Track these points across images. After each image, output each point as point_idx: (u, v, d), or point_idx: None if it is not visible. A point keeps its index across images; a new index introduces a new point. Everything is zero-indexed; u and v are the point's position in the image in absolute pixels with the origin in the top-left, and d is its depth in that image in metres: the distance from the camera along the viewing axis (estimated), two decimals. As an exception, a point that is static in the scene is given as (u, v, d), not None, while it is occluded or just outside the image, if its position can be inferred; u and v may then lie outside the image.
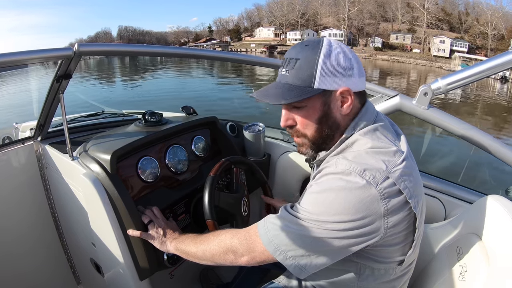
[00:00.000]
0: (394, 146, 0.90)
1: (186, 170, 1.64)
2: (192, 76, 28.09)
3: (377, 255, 0.93)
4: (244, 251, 0.96)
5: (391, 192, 0.82)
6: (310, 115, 0.95)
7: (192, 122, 1.74)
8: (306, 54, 0.91)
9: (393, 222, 0.84)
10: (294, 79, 0.92)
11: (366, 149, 0.89)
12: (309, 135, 0.98)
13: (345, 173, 0.84)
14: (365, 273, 0.98)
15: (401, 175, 0.83)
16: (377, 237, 0.84)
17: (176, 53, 1.77)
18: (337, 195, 0.82)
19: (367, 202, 0.81)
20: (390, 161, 0.85)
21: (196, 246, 1.09)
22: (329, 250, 0.85)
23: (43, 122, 1.69)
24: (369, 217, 0.81)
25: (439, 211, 1.50)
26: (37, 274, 1.88)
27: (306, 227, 0.84)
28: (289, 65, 0.93)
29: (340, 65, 0.90)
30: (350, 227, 0.82)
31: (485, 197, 1.12)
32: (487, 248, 1.01)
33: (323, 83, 0.90)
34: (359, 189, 0.81)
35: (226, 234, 1.03)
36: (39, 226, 1.86)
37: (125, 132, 1.59)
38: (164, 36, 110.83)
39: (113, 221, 1.30)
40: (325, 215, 0.83)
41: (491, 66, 1.25)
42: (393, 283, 1.00)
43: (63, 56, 1.34)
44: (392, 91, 1.53)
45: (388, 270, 0.97)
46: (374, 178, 0.81)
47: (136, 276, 1.35)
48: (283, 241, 0.87)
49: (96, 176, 1.32)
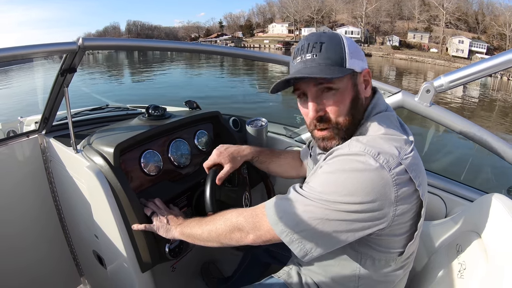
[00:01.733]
0: (404, 135, 0.91)
1: (189, 164, 1.66)
2: (198, 71, 28.11)
3: (380, 244, 0.93)
4: (250, 229, 0.96)
5: (402, 179, 0.82)
6: (344, 98, 0.93)
7: (195, 116, 1.75)
8: (329, 38, 0.92)
9: (401, 210, 0.84)
10: (325, 60, 0.90)
11: (380, 134, 0.89)
12: (342, 122, 0.95)
13: (359, 154, 0.83)
14: (366, 263, 0.98)
15: (411, 164, 0.84)
16: (384, 224, 0.84)
17: (181, 48, 1.77)
18: (349, 175, 0.82)
19: (379, 186, 0.80)
20: (402, 148, 0.85)
21: (202, 227, 1.09)
22: (335, 233, 0.84)
23: (47, 116, 1.70)
24: (379, 201, 0.81)
25: (440, 208, 1.50)
26: (40, 266, 1.90)
27: (314, 207, 0.84)
28: (315, 48, 0.91)
29: (357, 49, 0.94)
30: (360, 210, 0.81)
31: (486, 196, 1.12)
32: (486, 246, 1.01)
33: (352, 63, 0.91)
34: (373, 171, 0.80)
35: (232, 213, 1.03)
36: (43, 219, 1.88)
37: (129, 125, 1.61)
38: (173, 31, 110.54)
39: (116, 214, 1.31)
40: (336, 195, 0.82)
41: (495, 64, 1.24)
42: (393, 275, 1.01)
43: (67, 50, 1.35)
44: (394, 88, 1.53)
45: (388, 260, 0.97)
46: (387, 162, 0.81)
47: (138, 268, 1.36)
48: (290, 222, 0.87)
49: (100, 168, 1.34)
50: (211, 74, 26.38)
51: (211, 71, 28.46)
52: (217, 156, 1.34)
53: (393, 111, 1.02)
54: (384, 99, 1.02)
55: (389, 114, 0.97)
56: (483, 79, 34.30)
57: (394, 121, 0.97)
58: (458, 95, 20.63)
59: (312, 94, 0.94)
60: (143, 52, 39.76)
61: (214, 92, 15.67)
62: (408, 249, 0.95)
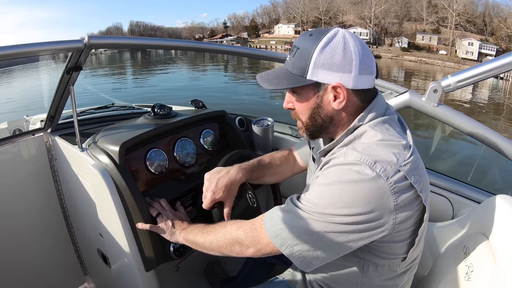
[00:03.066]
0: (403, 140, 0.88)
1: (194, 163, 1.65)
2: (203, 71, 28.19)
3: (382, 251, 0.92)
4: (250, 243, 0.96)
5: (401, 187, 0.80)
6: (304, 103, 0.97)
7: (201, 115, 1.75)
8: (305, 44, 0.91)
9: (401, 217, 0.83)
10: (292, 67, 0.94)
11: (376, 141, 0.87)
12: (303, 121, 1.01)
13: (355, 164, 0.81)
14: (369, 269, 0.97)
15: (411, 169, 0.82)
16: (384, 232, 0.83)
17: (187, 46, 1.77)
18: (345, 187, 0.81)
19: (376, 196, 0.79)
20: (400, 154, 0.83)
21: (204, 237, 1.09)
22: (335, 244, 0.84)
23: (53, 114, 1.70)
24: (377, 211, 0.80)
25: (447, 210, 1.49)
26: (44, 262, 1.91)
27: (312, 220, 0.83)
28: (292, 52, 0.95)
29: (336, 59, 0.88)
30: (358, 221, 0.80)
31: (493, 197, 1.11)
32: (494, 248, 1.00)
33: (315, 75, 0.90)
34: (369, 181, 0.79)
35: (232, 226, 1.03)
36: (47, 217, 1.89)
37: (134, 124, 1.61)
38: (176, 31, 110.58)
39: (121, 212, 1.31)
40: (332, 208, 0.81)
41: (503, 64, 1.23)
42: (396, 279, 1.00)
43: (73, 48, 1.35)
44: (402, 88, 1.52)
45: (392, 266, 0.96)
46: (385, 171, 0.79)
47: (142, 267, 1.36)
48: (289, 235, 0.86)
49: (105, 167, 1.34)
50: (216, 74, 26.47)
51: (216, 71, 28.58)
52: (212, 194, 1.23)
53: (395, 113, 1.00)
54: (384, 102, 0.99)
55: (388, 119, 0.94)
56: (494, 82, 34.22)
57: (394, 124, 0.95)
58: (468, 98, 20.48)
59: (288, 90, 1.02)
60: (147, 51, 39.85)
61: (220, 92, 15.70)
62: (411, 254, 0.94)
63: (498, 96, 26.49)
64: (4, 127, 2.57)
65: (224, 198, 1.23)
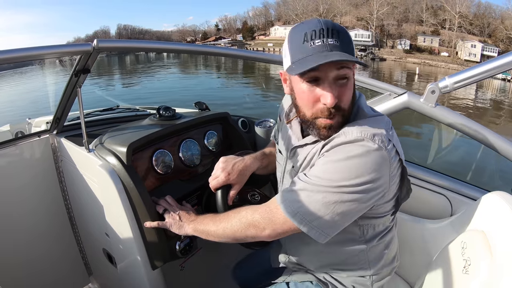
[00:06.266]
0: (379, 114, 1.04)
1: (199, 163, 1.68)
2: (203, 74, 28.14)
3: (377, 211, 1.02)
4: (266, 224, 1.00)
5: (393, 154, 0.91)
6: (351, 87, 0.98)
7: (205, 117, 1.78)
8: (339, 28, 0.93)
9: (394, 178, 0.95)
10: (347, 48, 0.90)
11: (368, 118, 0.99)
12: (347, 110, 0.97)
13: (359, 140, 0.90)
14: (368, 233, 1.07)
15: (394, 138, 0.95)
16: (385, 193, 0.95)
17: (194, 50, 1.80)
18: (355, 161, 0.89)
19: (381, 164, 0.89)
20: (387, 126, 0.96)
21: (216, 224, 1.12)
22: (349, 212, 0.92)
23: (59, 116, 1.72)
24: (382, 177, 0.91)
25: (445, 207, 1.51)
26: (47, 263, 1.93)
27: (328, 193, 0.90)
28: (334, 35, 0.89)
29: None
30: (368, 188, 0.89)
31: (490, 193, 1.15)
32: (491, 244, 1.03)
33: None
34: (374, 152, 0.88)
35: (247, 210, 1.06)
36: (52, 218, 1.91)
37: (140, 125, 1.64)
38: (165, 34, 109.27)
39: (128, 212, 1.34)
40: (345, 180, 0.89)
41: (500, 65, 1.26)
42: (389, 234, 1.12)
43: (82, 51, 1.38)
44: (400, 89, 1.55)
45: (385, 223, 1.08)
46: (382, 142, 0.90)
47: (149, 266, 1.38)
48: (308, 210, 0.92)
49: (113, 167, 1.36)
50: (215, 76, 26.42)
51: (216, 73, 28.51)
52: (227, 175, 1.26)
53: (362, 96, 1.09)
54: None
55: (363, 99, 1.06)
56: (502, 84, 34.23)
57: (367, 104, 1.08)
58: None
59: (330, 80, 0.91)
60: (137, 55, 39.67)
61: (222, 94, 15.69)
62: (400, 204, 1.07)
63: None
64: (7, 130, 2.59)
65: (235, 182, 1.28)
